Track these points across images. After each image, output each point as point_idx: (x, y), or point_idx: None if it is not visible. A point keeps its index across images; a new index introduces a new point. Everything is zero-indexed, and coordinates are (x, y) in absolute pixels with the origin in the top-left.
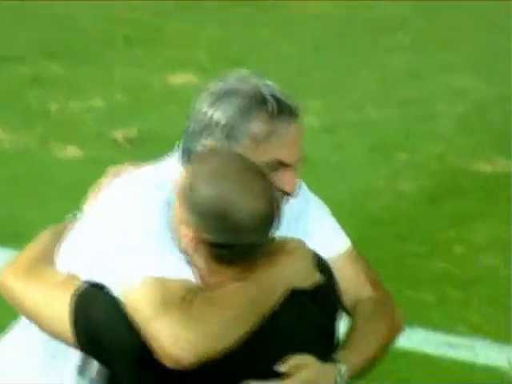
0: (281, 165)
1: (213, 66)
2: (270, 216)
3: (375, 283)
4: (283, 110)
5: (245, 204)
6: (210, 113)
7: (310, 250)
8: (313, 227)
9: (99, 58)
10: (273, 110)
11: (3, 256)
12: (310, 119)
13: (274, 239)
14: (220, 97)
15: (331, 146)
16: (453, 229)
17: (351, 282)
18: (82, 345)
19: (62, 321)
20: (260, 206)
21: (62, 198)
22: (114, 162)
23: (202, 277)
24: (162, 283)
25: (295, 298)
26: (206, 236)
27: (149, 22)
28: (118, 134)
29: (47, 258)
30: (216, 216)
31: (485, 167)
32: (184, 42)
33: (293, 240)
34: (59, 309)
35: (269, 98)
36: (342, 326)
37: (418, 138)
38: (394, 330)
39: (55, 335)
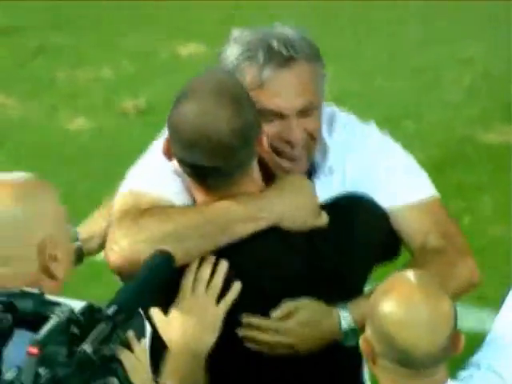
0: (276, 115)
1: (221, 35)
2: (223, 143)
3: (447, 237)
4: (272, 60)
5: (199, 124)
6: (220, 56)
7: (311, 191)
8: (383, 177)
9: (105, 26)
10: (262, 60)
11: None
12: None
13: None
14: (228, 43)
15: None
16: (460, 199)
17: (415, 233)
18: None
19: None
20: (214, 130)
21: (69, 168)
22: (123, 131)
23: (195, 196)
24: (138, 196)
25: (282, 234)
26: (172, 148)
27: None
28: (127, 104)
29: None
30: (174, 129)
31: (491, 137)
32: (191, 8)
33: (292, 177)
34: None
35: (260, 48)
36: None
37: (425, 108)
38: (454, 282)
39: None
